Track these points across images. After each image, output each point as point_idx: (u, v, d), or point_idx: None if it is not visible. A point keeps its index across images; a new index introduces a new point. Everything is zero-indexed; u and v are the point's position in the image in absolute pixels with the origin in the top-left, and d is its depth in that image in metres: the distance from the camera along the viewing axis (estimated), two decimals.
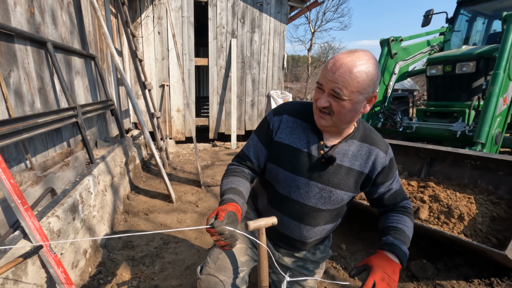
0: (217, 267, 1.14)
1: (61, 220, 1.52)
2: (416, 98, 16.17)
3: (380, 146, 1.08)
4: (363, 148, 1.07)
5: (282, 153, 1.10)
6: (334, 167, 1.05)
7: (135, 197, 3.14)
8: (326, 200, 1.09)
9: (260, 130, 1.16)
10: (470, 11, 4.50)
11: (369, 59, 0.91)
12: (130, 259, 2.06)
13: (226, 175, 1.15)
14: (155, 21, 5.35)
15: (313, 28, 22.13)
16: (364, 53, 0.92)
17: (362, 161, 1.06)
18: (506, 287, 1.72)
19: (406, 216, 1.09)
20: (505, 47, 2.61)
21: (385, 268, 0.91)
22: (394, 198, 1.14)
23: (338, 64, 0.90)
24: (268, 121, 1.15)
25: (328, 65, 0.93)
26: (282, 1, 6.05)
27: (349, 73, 0.88)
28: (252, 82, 6.29)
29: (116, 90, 4.05)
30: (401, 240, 1.00)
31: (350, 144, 1.06)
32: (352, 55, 0.90)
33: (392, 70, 3.87)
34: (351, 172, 1.06)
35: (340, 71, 0.89)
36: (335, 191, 1.07)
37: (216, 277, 1.11)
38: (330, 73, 0.90)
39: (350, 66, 0.88)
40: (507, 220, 1.85)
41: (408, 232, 1.04)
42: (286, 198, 1.12)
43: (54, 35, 2.18)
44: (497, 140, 2.68)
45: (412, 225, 1.09)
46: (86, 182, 1.98)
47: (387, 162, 1.08)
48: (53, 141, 2.06)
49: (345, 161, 1.06)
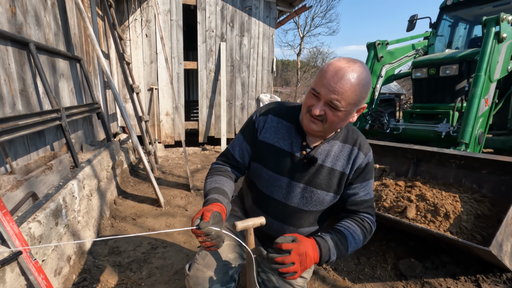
0: (205, 263, 1.13)
1: (42, 225, 1.47)
2: (403, 102, 16.53)
3: (362, 147, 1.08)
4: (345, 149, 1.07)
5: (266, 153, 1.11)
6: (316, 167, 1.06)
7: (123, 202, 3.07)
8: (307, 200, 1.09)
9: (246, 129, 1.17)
10: (452, 17, 4.65)
11: (366, 72, 0.91)
12: (117, 265, 2.01)
13: (210, 174, 1.15)
14: (143, 24, 5.31)
15: (302, 33, 22.43)
16: (362, 65, 0.91)
17: (344, 161, 1.07)
18: (491, 283, 1.76)
19: (358, 228, 1.03)
20: (485, 50, 2.70)
21: (308, 251, 0.89)
22: (357, 205, 1.08)
23: (340, 74, 0.87)
24: (253, 120, 1.15)
25: (327, 73, 0.89)
26: (270, 6, 6.11)
27: (350, 86, 0.87)
28: (242, 86, 6.30)
29: (103, 93, 3.98)
30: (335, 244, 0.96)
31: (332, 145, 1.07)
32: (353, 66, 0.88)
33: (378, 73, 3.95)
34: (333, 172, 1.06)
35: (342, 82, 0.87)
36: (317, 191, 1.07)
37: (204, 273, 1.11)
38: (331, 83, 0.88)
39: (351, 79, 0.87)
40: (491, 217, 1.90)
41: (350, 241, 0.99)
42: (269, 197, 1.13)
43: (37, 36, 2.13)
44: (480, 140, 2.75)
45: (360, 239, 1.02)
46: (70, 186, 1.92)
47: (363, 165, 1.06)
48: (35, 144, 2.00)
49: (327, 162, 1.06)
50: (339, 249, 0.96)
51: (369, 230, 1.06)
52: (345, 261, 2.08)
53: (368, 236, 1.06)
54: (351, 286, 1.82)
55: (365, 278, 1.90)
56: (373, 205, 1.11)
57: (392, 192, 2.22)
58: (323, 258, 0.92)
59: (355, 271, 1.97)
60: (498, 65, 2.82)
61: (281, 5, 6.22)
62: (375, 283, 1.84)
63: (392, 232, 2.31)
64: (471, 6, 4.30)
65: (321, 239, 0.95)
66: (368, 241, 2.30)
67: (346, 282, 1.87)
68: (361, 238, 1.02)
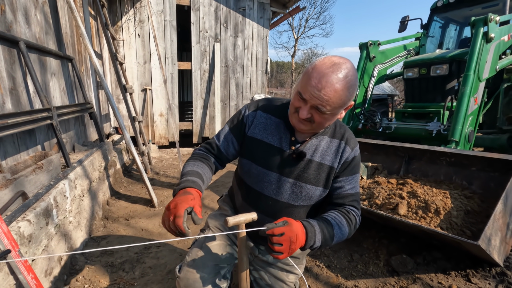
0: (196, 265, 1.12)
1: (32, 225, 1.45)
2: (397, 103, 16.70)
3: (349, 142, 1.09)
4: (333, 144, 1.09)
5: (255, 149, 1.12)
6: (304, 162, 1.07)
7: (115, 203, 3.04)
8: (297, 195, 1.10)
9: (233, 122, 1.17)
10: (443, 18, 4.73)
11: (352, 72, 0.90)
12: (109, 266, 1.99)
13: (193, 158, 1.14)
14: (136, 24, 5.28)
15: (296, 34, 22.53)
16: (346, 66, 0.90)
17: (332, 156, 1.08)
18: (481, 278, 1.78)
19: (344, 219, 1.04)
20: (474, 50, 2.75)
21: (298, 234, 0.89)
22: (342, 199, 1.09)
23: (324, 81, 0.87)
24: (242, 114, 1.16)
25: (312, 79, 0.89)
26: (264, 7, 6.14)
27: (334, 92, 0.88)
28: (236, 86, 6.30)
29: (96, 93, 3.94)
30: (321, 230, 0.97)
31: (320, 140, 1.08)
32: (337, 71, 0.88)
33: (371, 73, 3.99)
34: (322, 167, 1.08)
35: (326, 90, 0.88)
36: (306, 186, 1.08)
37: (195, 275, 1.09)
38: (315, 90, 0.88)
39: (335, 85, 0.87)
40: (480, 213, 1.93)
41: (336, 231, 1.00)
42: (259, 193, 1.13)
43: (28, 34, 2.11)
44: (469, 138, 2.80)
45: (346, 230, 1.03)
46: (61, 186, 1.90)
47: (349, 158, 1.08)
48: (25, 143, 1.98)
49: (315, 156, 1.07)
50: (324, 236, 0.97)
51: (354, 223, 1.06)
52: (338, 258, 2.09)
53: (353, 229, 1.06)
54: (344, 282, 1.84)
55: (358, 274, 1.92)
56: (358, 199, 1.12)
57: (384, 190, 2.25)
58: (308, 243, 0.93)
59: (348, 268, 1.98)
60: (487, 64, 2.88)
61: (275, 6, 6.25)
62: (368, 280, 1.86)
63: (385, 230, 2.33)
64: (461, 7, 4.38)
65: (308, 223, 0.96)
66: (361, 238, 2.31)
67: (339, 278, 1.88)
68: (346, 230, 1.03)
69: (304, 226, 0.94)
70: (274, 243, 0.86)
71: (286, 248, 0.86)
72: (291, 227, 0.88)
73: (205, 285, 1.08)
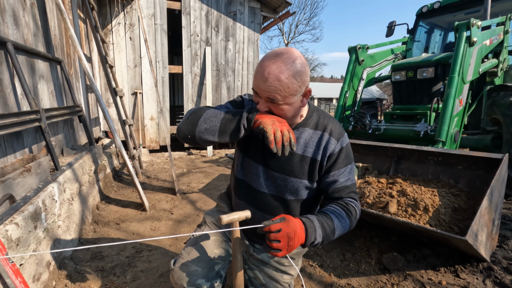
0: (190, 258, 1.12)
1: (20, 228, 1.41)
2: (385, 107, 17.05)
3: (333, 133, 1.07)
4: (316, 135, 1.08)
5: (247, 139, 1.12)
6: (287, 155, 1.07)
7: (106, 207, 2.99)
8: (283, 188, 1.11)
9: (236, 102, 1.16)
10: (428, 23, 4.88)
11: (294, 60, 0.91)
12: (100, 270, 1.95)
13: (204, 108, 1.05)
14: (126, 28, 5.26)
15: (286, 39, 22.81)
16: (288, 55, 0.91)
17: (315, 148, 1.07)
18: (469, 273, 1.83)
19: (344, 211, 1.02)
20: (458, 53, 2.85)
21: (297, 230, 0.87)
22: (339, 192, 1.07)
23: (266, 73, 0.90)
24: (243, 98, 1.18)
25: (258, 74, 0.92)
26: (255, 11, 6.20)
27: (278, 81, 0.90)
28: (228, 90, 6.32)
29: (85, 96, 3.89)
30: (321, 225, 0.94)
31: (301, 132, 1.09)
32: (278, 61, 0.90)
33: (360, 75, 4.07)
34: (304, 159, 1.08)
35: (270, 80, 0.90)
36: (290, 178, 1.09)
37: (189, 267, 1.10)
38: (261, 82, 0.92)
39: (278, 74, 0.89)
40: (467, 210, 1.99)
41: (336, 224, 0.98)
42: (248, 186, 1.15)
43: (16, 36, 2.08)
44: (455, 138, 2.88)
45: (347, 223, 1.01)
46: (50, 189, 1.86)
47: (336, 150, 1.06)
48: (12, 146, 1.93)
49: (297, 149, 1.07)
50: (325, 231, 0.95)
51: (354, 214, 1.04)
52: (330, 258, 2.11)
53: (354, 220, 1.04)
54: (337, 281, 1.85)
55: (350, 273, 1.94)
56: (355, 190, 1.10)
57: (374, 189, 2.29)
58: (309, 239, 0.90)
59: (341, 267, 2.00)
60: (470, 67, 2.98)
61: (265, 10, 6.33)
62: (360, 278, 1.88)
63: (376, 229, 2.37)
64: (445, 13, 4.54)
65: (306, 219, 0.93)
66: (353, 238, 2.34)
67: (332, 277, 1.90)
68: (347, 221, 1.01)
69: (303, 222, 0.92)
70: (271, 240, 0.85)
71: (284, 245, 0.84)
72: (288, 223, 0.86)
73: (198, 278, 1.09)
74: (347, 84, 4.00)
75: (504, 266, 1.87)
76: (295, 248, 0.88)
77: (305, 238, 0.90)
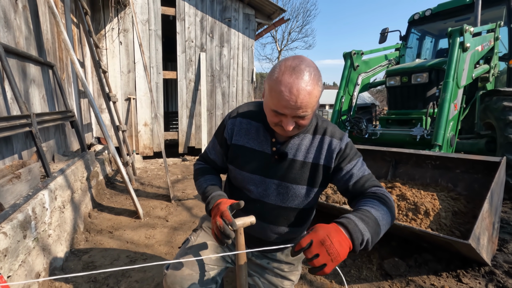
0: (184, 263, 1.08)
1: (9, 238, 1.34)
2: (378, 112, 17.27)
3: (334, 134, 1.06)
4: (316, 140, 1.07)
5: (239, 154, 1.12)
6: (287, 162, 1.06)
7: (98, 215, 2.90)
8: (284, 196, 1.08)
9: (218, 133, 1.20)
10: (420, 30, 4.98)
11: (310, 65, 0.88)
12: (92, 281, 1.87)
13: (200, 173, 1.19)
14: (120, 33, 5.21)
15: (279, 46, 23.05)
16: (307, 65, 0.87)
17: (316, 153, 1.06)
18: (471, 277, 1.81)
19: (374, 199, 0.93)
20: (452, 58, 2.89)
21: (331, 234, 0.76)
22: (360, 185, 1.01)
23: (295, 91, 0.84)
24: (224, 125, 1.17)
25: (283, 95, 0.86)
26: (249, 18, 6.24)
27: (309, 95, 0.86)
28: (222, 96, 6.30)
29: (77, 102, 3.81)
30: (360, 218, 0.83)
31: (302, 138, 1.07)
32: (302, 76, 0.85)
33: (355, 81, 4.11)
34: (306, 165, 1.06)
35: (301, 97, 0.85)
36: (291, 186, 1.06)
37: (182, 272, 1.05)
38: (291, 103, 0.86)
39: (308, 88, 0.85)
40: (467, 213, 1.98)
41: (374, 213, 0.87)
42: (247, 197, 1.12)
43: (7, 38, 2.02)
44: (451, 142, 2.90)
45: (384, 208, 0.91)
46: (40, 197, 1.78)
47: (342, 146, 1.04)
48: (1, 152, 1.86)
49: (298, 155, 1.06)
50: (368, 225, 0.82)
51: (388, 199, 0.94)
52: None
53: (391, 206, 0.93)
54: None
55: (352, 279, 1.90)
56: (375, 179, 1.04)
57: None
58: (355, 237, 0.78)
59: (342, 273, 1.96)
60: (464, 72, 3.03)
61: (260, 17, 6.37)
62: (362, 284, 1.84)
63: None
64: (436, 20, 4.63)
65: (341, 218, 0.83)
66: None
67: (333, 284, 1.85)
68: (384, 209, 0.90)
69: (338, 222, 0.81)
70: (310, 258, 0.74)
71: (325, 256, 0.73)
72: (316, 231, 0.77)
73: (191, 282, 1.04)
74: (343, 89, 4.02)
75: (506, 270, 1.86)
76: (342, 256, 0.75)
77: (350, 239, 0.78)
